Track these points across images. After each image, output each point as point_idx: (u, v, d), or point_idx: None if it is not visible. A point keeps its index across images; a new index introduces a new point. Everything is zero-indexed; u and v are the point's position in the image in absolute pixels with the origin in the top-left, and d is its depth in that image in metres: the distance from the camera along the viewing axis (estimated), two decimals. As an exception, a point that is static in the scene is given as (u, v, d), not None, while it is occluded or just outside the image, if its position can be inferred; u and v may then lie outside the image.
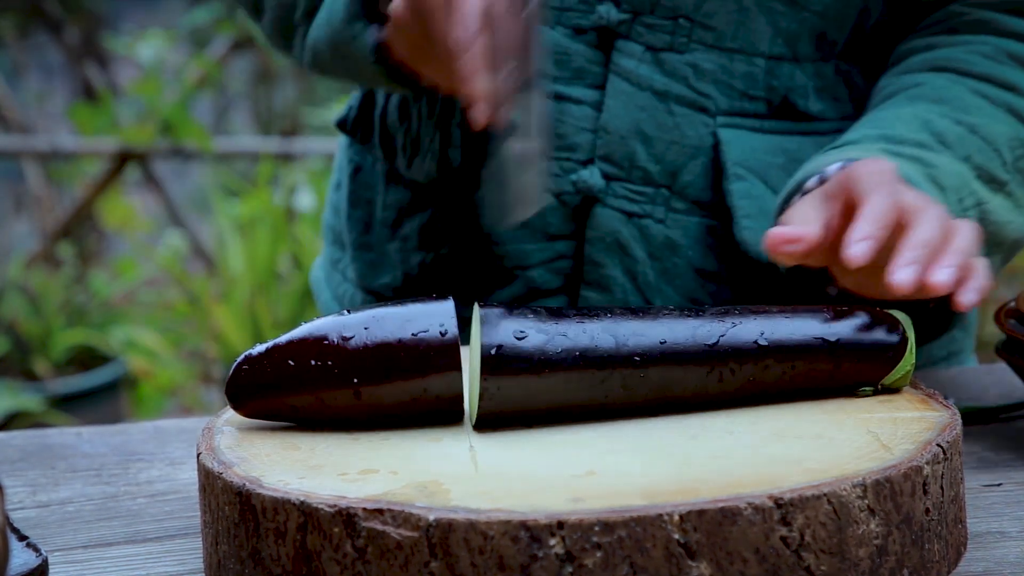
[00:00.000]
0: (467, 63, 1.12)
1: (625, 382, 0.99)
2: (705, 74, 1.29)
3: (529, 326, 0.98)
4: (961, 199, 1.18)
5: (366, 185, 1.44)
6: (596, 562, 0.82)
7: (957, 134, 1.22)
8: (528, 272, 1.33)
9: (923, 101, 1.24)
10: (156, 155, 4.46)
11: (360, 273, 1.43)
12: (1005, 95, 1.25)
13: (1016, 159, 1.24)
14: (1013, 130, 1.24)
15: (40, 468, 1.22)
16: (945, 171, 1.18)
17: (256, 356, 0.99)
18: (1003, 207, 1.22)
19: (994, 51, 1.27)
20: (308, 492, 0.88)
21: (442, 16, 1.13)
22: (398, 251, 1.40)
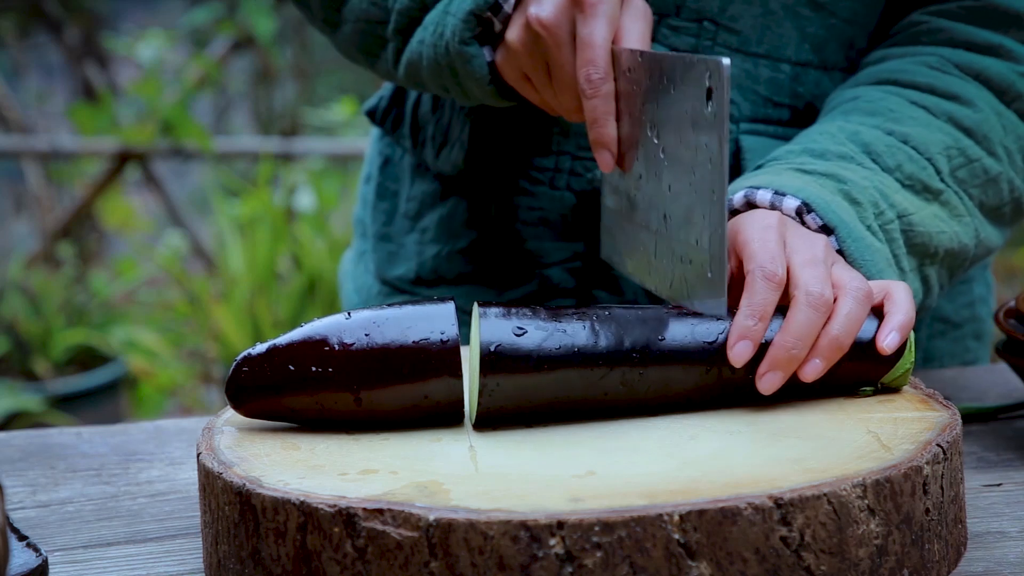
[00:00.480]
0: (597, 107, 1.14)
1: (624, 379, 0.99)
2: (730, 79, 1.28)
3: (528, 324, 0.98)
4: (880, 212, 1.16)
5: (394, 177, 1.44)
6: (596, 562, 0.82)
7: (887, 144, 1.20)
8: (546, 271, 1.33)
9: (857, 113, 1.23)
10: (156, 155, 4.46)
11: (378, 264, 1.44)
12: (946, 104, 1.24)
13: (954, 168, 1.22)
14: (951, 139, 1.22)
15: (40, 468, 1.22)
16: (859, 185, 1.17)
17: (256, 357, 0.99)
18: (935, 216, 1.20)
19: (939, 62, 1.26)
20: (308, 492, 0.88)
21: (567, 52, 1.15)
22: (416, 243, 1.40)
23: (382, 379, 0.98)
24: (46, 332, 4.13)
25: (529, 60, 1.18)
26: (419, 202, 1.40)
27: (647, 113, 1.10)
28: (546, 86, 1.19)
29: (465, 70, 1.21)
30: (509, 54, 1.20)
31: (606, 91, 1.14)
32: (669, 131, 1.07)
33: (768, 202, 1.13)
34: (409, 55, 1.27)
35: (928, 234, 1.19)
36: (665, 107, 1.07)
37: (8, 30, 5.04)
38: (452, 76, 1.24)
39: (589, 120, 1.15)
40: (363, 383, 0.98)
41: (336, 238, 4.12)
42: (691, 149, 1.03)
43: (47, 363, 4.08)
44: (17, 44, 5.10)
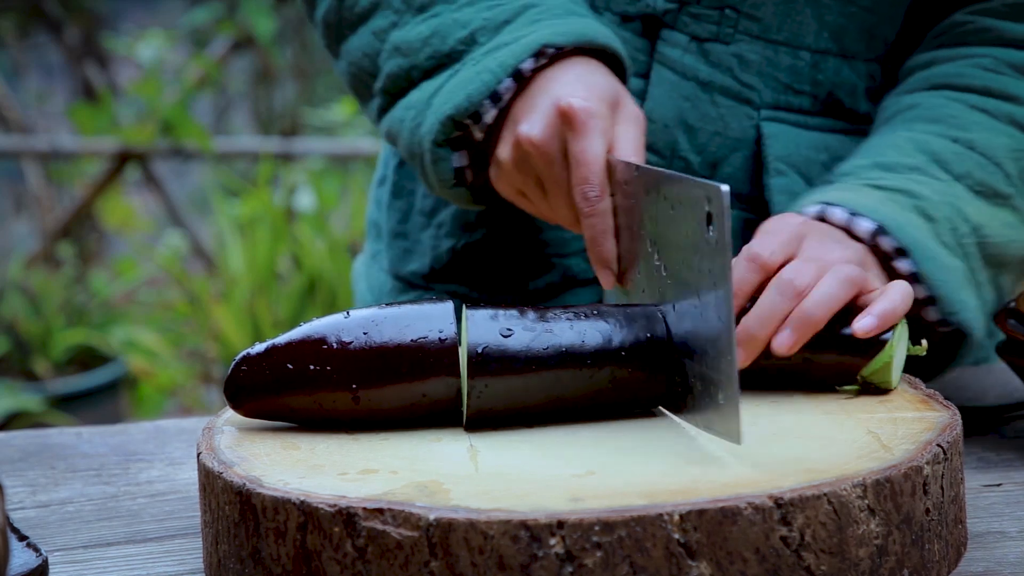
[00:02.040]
0: (595, 225, 1.12)
1: (613, 378, 0.99)
2: (750, 65, 1.29)
3: (515, 325, 0.98)
4: (955, 227, 1.16)
5: (410, 176, 1.44)
6: (596, 562, 0.82)
7: (954, 152, 1.20)
8: (566, 260, 1.33)
9: (920, 122, 1.23)
10: (156, 155, 4.46)
11: (392, 261, 1.44)
12: (1005, 106, 1.24)
13: (1021, 171, 1.22)
14: (1015, 141, 1.22)
15: (40, 468, 1.22)
16: (933, 201, 1.16)
17: (255, 356, 0.99)
18: (1005, 223, 1.20)
19: (993, 63, 1.26)
20: (308, 492, 0.88)
21: (559, 169, 1.15)
22: (432, 238, 1.40)
23: (380, 378, 0.98)
24: (46, 332, 4.13)
25: (521, 177, 1.18)
26: (434, 198, 1.40)
27: (645, 227, 1.07)
28: (541, 200, 1.19)
29: (432, 168, 1.22)
30: (501, 171, 1.20)
31: (603, 208, 1.12)
32: (669, 249, 1.02)
33: (843, 221, 1.13)
34: (389, 124, 1.28)
35: (1002, 244, 1.19)
36: (664, 224, 1.03)
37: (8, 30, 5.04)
38: (422, 167, 1.24)
39: (588, 239, 1.13)
40: (361, 382, 0.98)
41: (336, 238, 4.12)
42: (694, 271, 0.97)
43: (47, 363, 4.08)
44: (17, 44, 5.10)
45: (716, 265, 0.93)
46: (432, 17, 1.24)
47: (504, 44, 1.20)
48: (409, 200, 1.43)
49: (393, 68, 1.26)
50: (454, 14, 1.23)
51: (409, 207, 1.43)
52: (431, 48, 1.23)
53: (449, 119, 1.19)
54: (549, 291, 1.34)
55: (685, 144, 1.29)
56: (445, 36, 1.23)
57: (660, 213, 1.03)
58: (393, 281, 1.44)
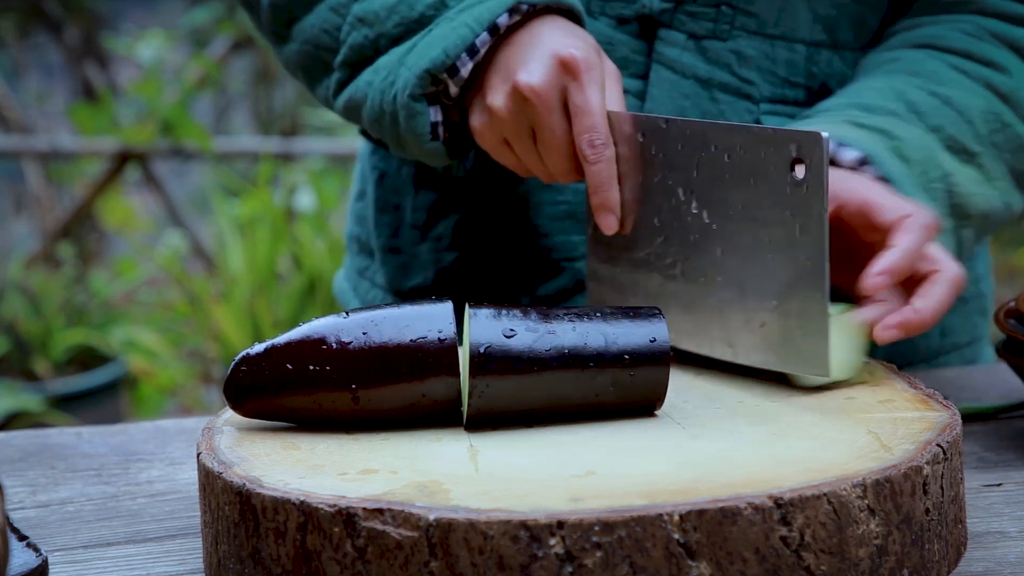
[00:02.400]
0: (601, 171, 1.15)
1: (615, 381, 0.99)
2: (748, 61, 1.30)
3: (518, 325, 0.98)
4: (926, 171, 1.20)
5: (393, 190, 1.44)
6: (596, 562, 0.82)
7: (931, 104, 1.23)
8: (575, 264, 1.34)
9: (899, 74, 1.26)
10: (156, 155, 4.46)
11: (390, 277, 1.44)
12: (983, 71, 1.26)
13: (990, 132, 1.25)
14: (989, 104, 1.25)
15: (40, 468, 1.22)
16: (911, 144, 1.20)
17: (254, 356, 0.99)
18: (971, 179, 1.23)
19: (976, 29, 1.28)
20: (308, 492, 0.88)
21: (557, 118, 1.16)
22: (431, 251, 1.40)
23: (380, 378, 0.98)
24: (46, 332, 4.13)
25: (514, 126, 1.18)
26: (427, 211, 1.40)
27: (673, 176, 1.11)
28: (529, 150, 1.19)
29: (408, 124, 1.22)
30: (492, 119, 1.20)
31: (609, 156, 1.15)
32: (715, 194, 1.07)
33: (830, 150, 1.15)
34: (353, 92, 1.27)
35: (967, 196, 1.22)
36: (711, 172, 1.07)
37: (8, 30, 5.04)
38: (393, 126, 1.24)
39: (593, 186, 1.15)
40: (361, 382, 0.98)
41: (336, 238, 4.12)
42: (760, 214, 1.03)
43: (47, 363, 4.08)
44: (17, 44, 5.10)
45: (807, 210, 0.99)
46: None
47: (478, 2, 1.20)
48: (397, 215, 1.43)
49: (357, 39, 1.25)
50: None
51: (398, 221, 1.43)
52: (398, 16, 1.23)
53: (426, 72, 1.19)
54: (560, 296, 1.34)
55: None
56: (413, 3, 1.23)
57: (706, 162, 1.07)
58: (393, 298, 1.44)
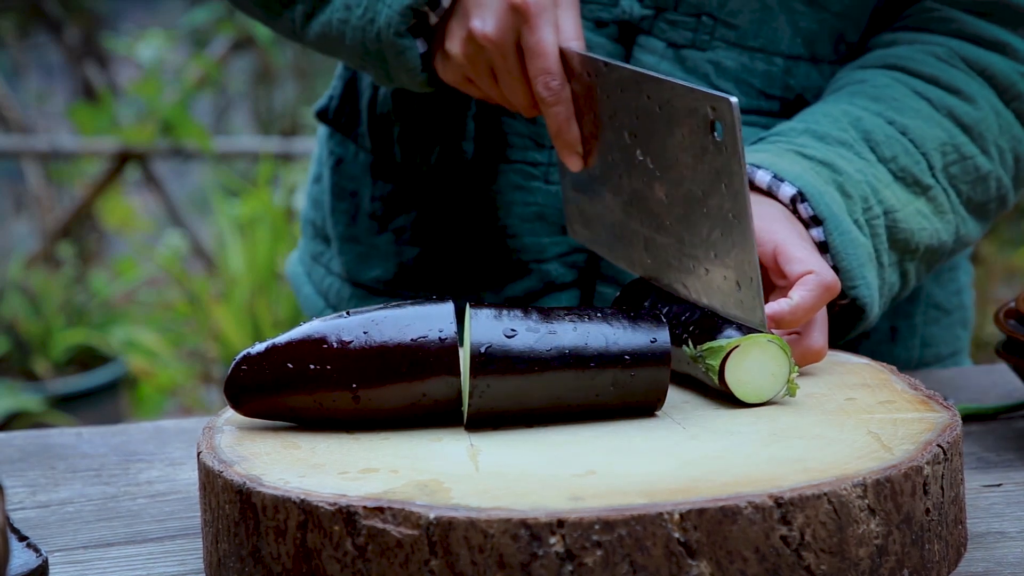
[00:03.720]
0: (559, 113, 1.17)
1: (615, 381, 0.99)
2: (726, 72, 1.30)
3: (519, 325, 0.98)
4: (868, 207, 1.20)
5: (349, 177, 1.43)
6: (596, 560, 0.82)
7: (887, 134, 1.23)
8: (544, 266, 1.33)
9: (862, 98, 1.25)
10: (156, 155, 4.46)
11: (347, 266, 1.43)
12: (948, 99, 1.26)
13: (946, 165, 1.25)
14: (948, 135, 1.25)
15: (40, 468, 1.22)
16: (852, 179, 1.20)
17: (255, 356, 0.99)
18: (920, 212, 1.23)
19: (947, 53, 1.28)
20: (308, 490, 0.88)
21: (512, 60, 1.17)
22: (391, 243, 1.40)
23: (380, 377, 0.98)
24: (46, 332, 4.13)
25: (473, 69, 1.20)
26: (385, 203, 1.40)
27: (618, 119, 1.12)
28: (492, 88, 1.21)
29: (397, 60, 1.23)
30: (451, 63, 1.21)
31: (565, 96, 1.17)
32: (654, 143, 1.09)
33: (766, 184, 1.16)
34: (325, 27, 1.27)
35: (911, 231, 1.22)
36: (647, 121, 1.09)
37: (8, 30, 5.04)
38: (380, 62, 1.24)
39: (552, 128, 1.18)
40: (361, 381, 0.98)
41: (336, 238, 4.11)
42: (689, 168, 1.05)
43: (47, 363, 4.08)
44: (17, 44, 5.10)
45: (728, 171, 1.01)
46: None
47: None
48: (353, 202, 1.43)
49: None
50: None
51: (355, 209, 1.42)
52: None
53: (408, 8, 1.20)
54: (528, 298, 1.34)
55: None
56: None
57: (642, 110, 1.09)
58: (351, 288, 1.43)
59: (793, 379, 1.03)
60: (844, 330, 1.21)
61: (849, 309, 1.19)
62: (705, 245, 1.06)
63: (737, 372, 1.02)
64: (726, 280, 1.04)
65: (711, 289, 1.06)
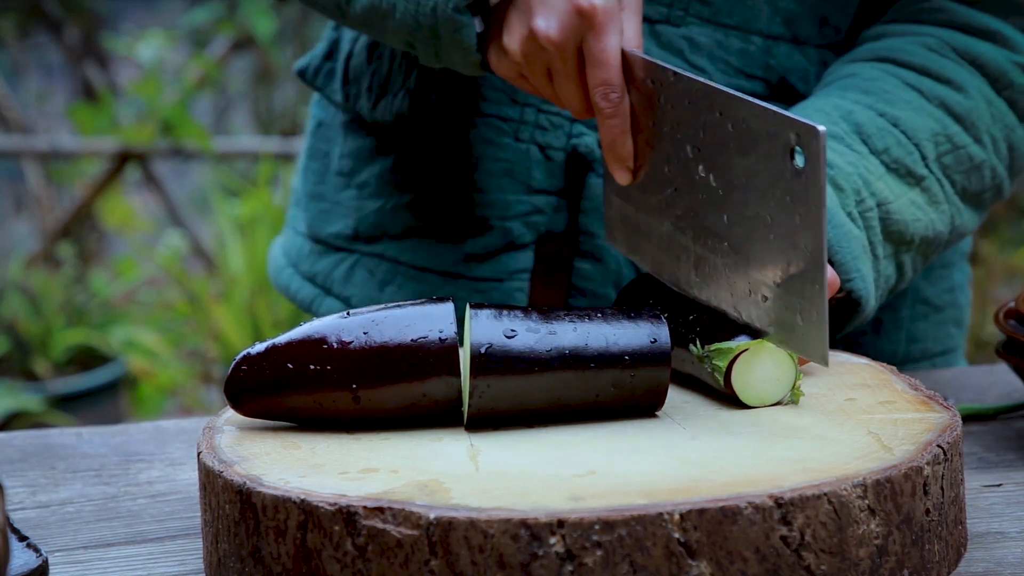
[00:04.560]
0: (615, 126, 1.13)
1: (615, 381, 0.99)
2: (700, 48, 1.29)
3: (519, 325, 0.98)
4: (861, 200, 1.19)
5: (325, 138, 1.43)
6: (596, 560, 0.82)
7: (878, 126, 1.22)
8: (506, 223, 1.33)
9: (853, 91, 1.25)
10: (156, 155, 4.46)
11: (309, 223, 1.43)
12: (940, 89, 1.25)
13: (940, 155, 1.24)
14: (940, 125, 1.24)
15: (40, 468, 1.22)
16: (844, 172, 1.19)
17: (255, 356, 1.00)
18: (914, 203, 1.22)
19: (938, 44, 1.27)
20: (308, 490, 0.88)
21: (572, 64, 1.14)
22: (353, 199, 1.39)
23: (380, 378, 0.98)
24: (46, 332, 4.13)
25: (529, 67, 1.17)
26: (353, 158, 1.39)
27: (681, 131, 1.08)
28: (545, 86, 1.18)
29: (452, 38, 1.19)
30: (506, 57, 1.18)
31: (623, 109, 1.13)
32: (722, 161, 1.04)
33: None
34: (375, 0, 1.23)
35: (904, 222, 1.22)
36: (717, 137, 1.04)
37: (8, 30, 5.04)
38: (432, 39, 1.21)
39: (606, 140, 1.14)
40: (362, 382, 0.98)
41: (336, 238, 4.11)
42: (761, 193, 1.01)
43: (47, 363, 4.08)
44: (17, 44, 5.09)
45: (805, 200, 0.97)
46: None
47: None
48: (324, 161, 1.42)
49: None
50: None
51: (325, 168, 1.42)
52: None
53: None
54: (486, 255, 1.33)
55: None
56: None
57: (710, 125, 1.05)
58: (312, 244, 1.43)
59: (799, 386, 1.03)
60: (840, 324, 1.20)
61: (845, 302, 1.18)
62: (768, 272, 1.02)
63: (744, 375, 1.02)
64: (787, 311, 1.00)
65: (768, 318, 1.02)
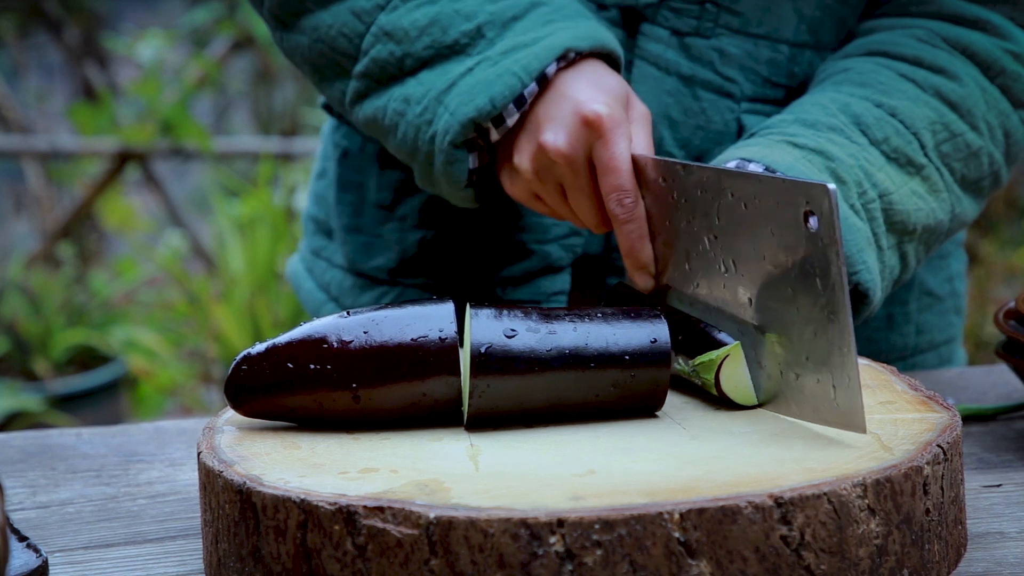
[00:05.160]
0: (632, 232, 1.13)
1: (615, 382, 0.99)
2: (731, 59, 1.30)
3: (519, 325, 0.98)
4: (863, 191, 1.19)
5: (356, 168, 1.43)
6: (596, 560, 0.82)
7: (876, 117, 1.23)
8: (545, 247, 1.33)
9: (848, 84, 1.25)
10: (156, 155, 4.46)
11: (351, 257, 1.43)
12: (934, 78, 1.26)
13: (938, 143, 1.25)
14: (937, 114, 1.25)
15: (40, 469, 1.22)
16: (845, 164, 1.19)
17: (255, 356, 1.00)
18: (915, 192, 1.23)
19: (928, 35, 1.28)
20: (308, 490, 0.88)
21: (583, 177, 1.15)
22: (395, 231, 1.39)
23: (380, 377, 0.98)
24: (46, 332, 4.13)
25: (541, 185, 1.18)
26: (392, 190, 1.39)
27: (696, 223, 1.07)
28: (560, 204, 1.19)
29: (444, 169, 1.21)
30: (519, 178, 1.19)
31: (639, 214, 1.13)
32: (738, 243, 1.03)
33: None
34: (378, 112, 1.24)
35: (907, 212, 1.22)
36: (731, 221, 1.03)
37: (8, 30, 5.04)
38: (426, 164, 1.22)
39: (625, 246, 1.14)
40: (362, 381, 0.98)
41: (336, 238, 4.11)
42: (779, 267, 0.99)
43: (47, 363, 4.08)
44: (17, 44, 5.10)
45: (824, 262, 0.94)
46: (429, 4, 1.22)
47: (523, 45, 1.19)
48: (359, 193, 1.42)
49: (382, 54, 1.23)
50: (455, 4, 1.21)
51: (360, 200, 1.42)
52: (430, 38, 1.21)
53: (471, 121, 1.18)
54: (525, 278, 1.34)
55: (669, 139, 1.30)
56: (446, 27, 1.21)
57: (724, 209, 1.03)
58: (353, 278, 1.43)
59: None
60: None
61: (852, 296, 1.18)
62: (796, 349, 0.99)
63: (733, 380, 1.02)
64: (819, 384, 0.97)
65: (802, 396, 0.99)
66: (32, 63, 5.25)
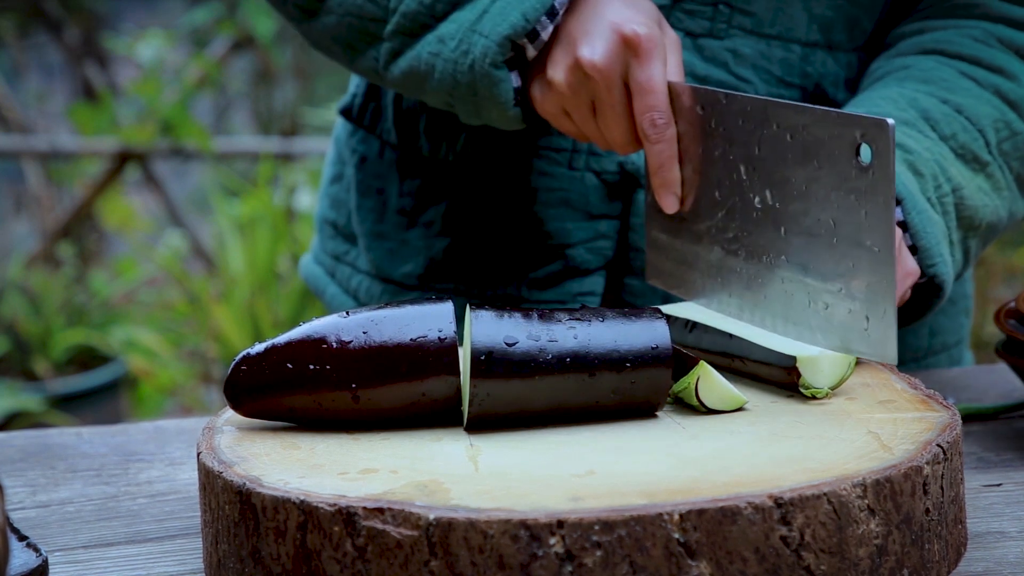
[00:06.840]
0: (663, 151, 1.14)
1: (616, 387, 0.99)
2: (744, 59, 1.30)
3: (519, 330, 0.98)
4: (938, 185, 1.20)
5: (375, 174, 1.43)
6: (596, 561, 0.82)
7: (943, 112, 1.24)
8: (569, 251, 1.33)
9: (911, 81, 1.26)
10: (156, 155, 4.46)
11: (377, 263, 1.43)
12: (993, 77, 1.27)
13: (1000, 141, 1.26)
14: (999, 112, 1.26)
15: (40, 468, 1.22)
16: (922, 157, 1.20)
17: (254, 356, 0.99)
18: (980, 189, 1.24)
19: (983, 35, 1.29)
20: (308, 491, 0.88)
21: (618, 94, 1.15)
22: (420, 238, 1.39)
23: (380, 377, 0.98)
24: (46, 332, 4.13)
25: (574, 99, 1.18)
26: (415, 197, 1.39)
27: (733, 152, 1.08)
28: (588, 121, 1.19)
29: (489, 93, 1.20)
30: (551, 92, 1.19)
31: (670, 135, 1.14)
32: (777, 173, 1.04)
33: None
34: (413, 62, 1.24)
35: (975, 207, 1.23)
36: (774, 151, 1.04)
37: (8, 30, 5.04)
38: (470, 95, 1.21)
39: (654, 166, 1.15)
40: (361, 381, 0.98)
41: (336, 238, 4.11)
42: (821, 198, 1.01)
43: (47, 363, 4.08)
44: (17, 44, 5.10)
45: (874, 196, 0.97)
46: None
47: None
48: (380, 199, 1.42)
49: (411, 6, 1.23)
50: None
51: (382, 206, 1.42)
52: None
53: (507, 39, 1.17)
54: (549, 280, 1.34)
55: None
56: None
57: (767, 139, 1.05)
58: (381, 284, 1.43)
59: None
60: (921, 310, 1.21)
61: (926, 288, 1.19)
62: (831, 278, 1.01)
63: (714, 392, 1.02)
64: (851, 314, 0.99)
65: (830, 325, 1.01)
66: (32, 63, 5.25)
